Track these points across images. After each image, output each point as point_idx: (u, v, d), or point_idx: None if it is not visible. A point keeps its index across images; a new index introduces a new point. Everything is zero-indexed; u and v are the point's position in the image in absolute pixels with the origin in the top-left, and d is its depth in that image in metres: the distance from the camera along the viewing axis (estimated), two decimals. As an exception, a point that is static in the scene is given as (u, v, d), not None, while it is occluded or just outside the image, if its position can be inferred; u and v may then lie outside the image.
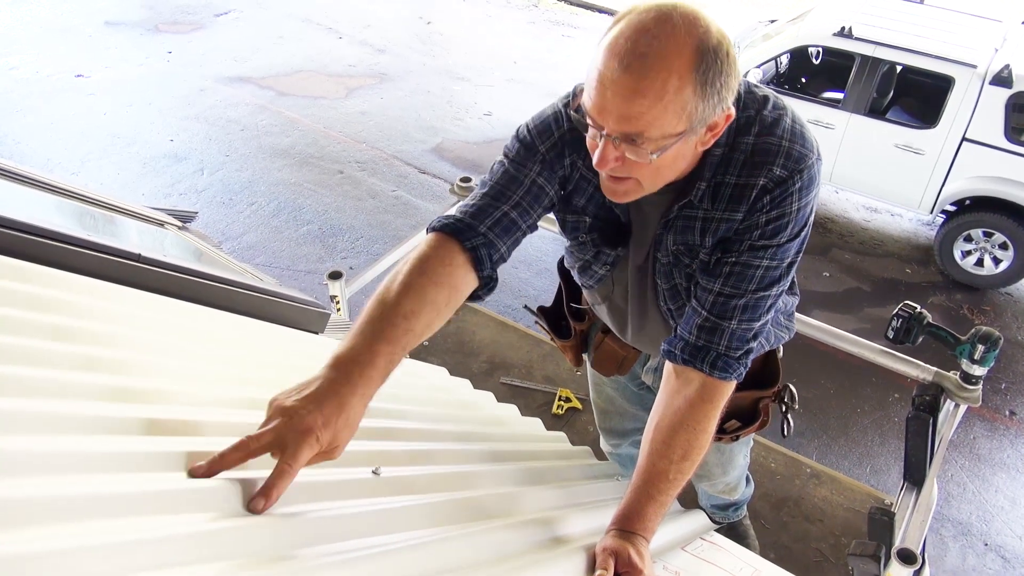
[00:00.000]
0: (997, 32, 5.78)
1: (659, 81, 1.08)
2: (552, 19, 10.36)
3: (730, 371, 1.36)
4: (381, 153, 7.15)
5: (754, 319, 1.36)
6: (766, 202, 1.28)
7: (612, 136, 1.15)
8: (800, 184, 1.27)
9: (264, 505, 0.89)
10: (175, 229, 2.30)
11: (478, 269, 1.30)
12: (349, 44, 9.27)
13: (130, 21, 9.50)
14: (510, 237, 1.34)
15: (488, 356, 3.24)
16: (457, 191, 3.08)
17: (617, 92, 1.10)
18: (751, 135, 1.27)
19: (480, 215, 1.32)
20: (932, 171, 5.59)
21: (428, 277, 1.23)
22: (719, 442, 1.83)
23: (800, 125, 1.31)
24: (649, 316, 1.62)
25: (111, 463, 0.81)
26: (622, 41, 1.09)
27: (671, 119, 1.12)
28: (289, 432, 0.96)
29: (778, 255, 1.32)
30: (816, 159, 1.30)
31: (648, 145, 1.14)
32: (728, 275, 1.34)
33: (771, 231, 1.30)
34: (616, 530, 1.29)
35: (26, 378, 0.87)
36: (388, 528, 1.04)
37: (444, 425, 1.68)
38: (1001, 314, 5.66)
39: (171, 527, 0.76)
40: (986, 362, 2.11)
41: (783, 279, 1.35)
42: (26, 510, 0.66)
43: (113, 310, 1.16)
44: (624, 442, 2.27)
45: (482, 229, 1.31)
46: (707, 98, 1.12)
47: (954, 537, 4.05)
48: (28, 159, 6.73)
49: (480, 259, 1.30)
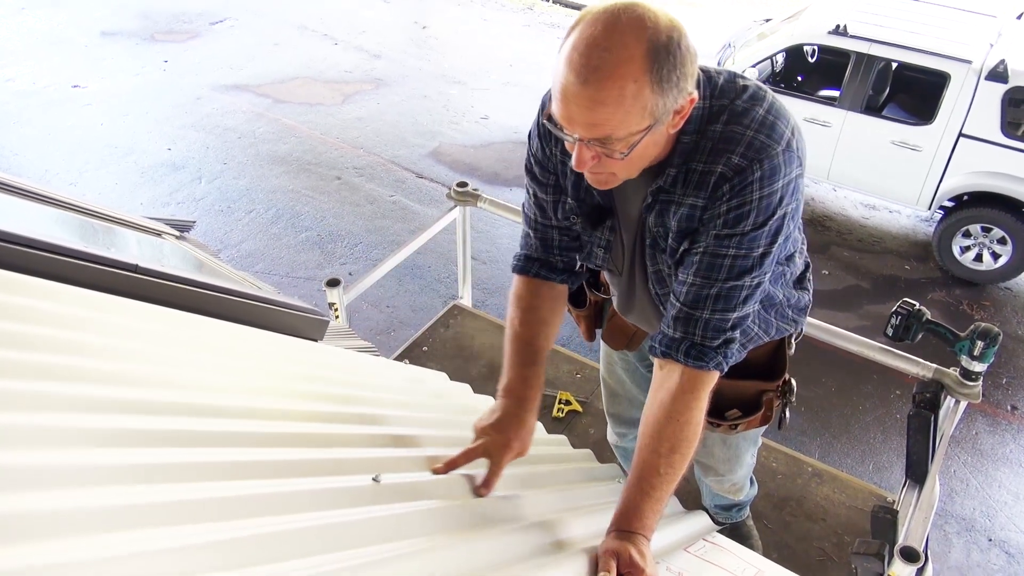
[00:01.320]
0: (992, 27, 5.79)
1: (616, 89, 1.14)
2: (547, 22, 10.37)
3: (706, 359, 1.39)
4: (378, 158, 7.15)
5: (728, 309, 1.38)
6: (726, 190, 1.31)
7: (584, 140, 1.22)
8: (760, 174, 1.29)
9: (485, 492, 1.40)
10: (173, 239, 2.29)
11: (552, 277, 1.65)
12: (344, 50, 9.27)
13: (126, 31, 9.52)
14: (549, 243, 1.63)
15: (488, 360, 3.24)
16: (454, 196, 3.08)
17: (580, 104, 1.17)
18: (719, 123, 1.31)
19: (527, 246, 1.66)
20: (929, 167, 5.60)
21: (529, 306, 1.63)
22: (718, 430, 1.84)
23: (774, 117, 1.31)
24: (642, 299, 1.67)
25: (111, 475, 0.81)
26: (576, 56, 1.15)
27: (634, 119, 1.18)
28: (493, 446, 1.47)
29: (744, 244, 1.34)
30: (783, 150, 1.30)
31: (617, 144, 1.22)
32: (699, 265, 1.37)
33: (733, 219, 1.32)
34: (616, 531, 1.30)
35: (24, 392, 0.87)
36: (389, 536, 1.04)
37: (445, 430, 1.68)
38: (1001, 309, 5.66)
39: (172, 539, 0.76)
40: (986, 358, 2.11)
41: (755, 269, 1.37)
42: (25, 525, 0.66)
43: (111, 321, 1.16)
44: (631, 433, 2.28)
45: (534, 256, 1.65)
46: (666, 92, 1.18)
47: (958, 533, 4.05)
48: (25, 170, 6.74)
49: (547, 277, 1.64)
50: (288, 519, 0.92)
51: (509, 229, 6.05)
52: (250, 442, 1.08)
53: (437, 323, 3.43)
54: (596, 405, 2.98)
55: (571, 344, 4.90)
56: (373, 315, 5.28)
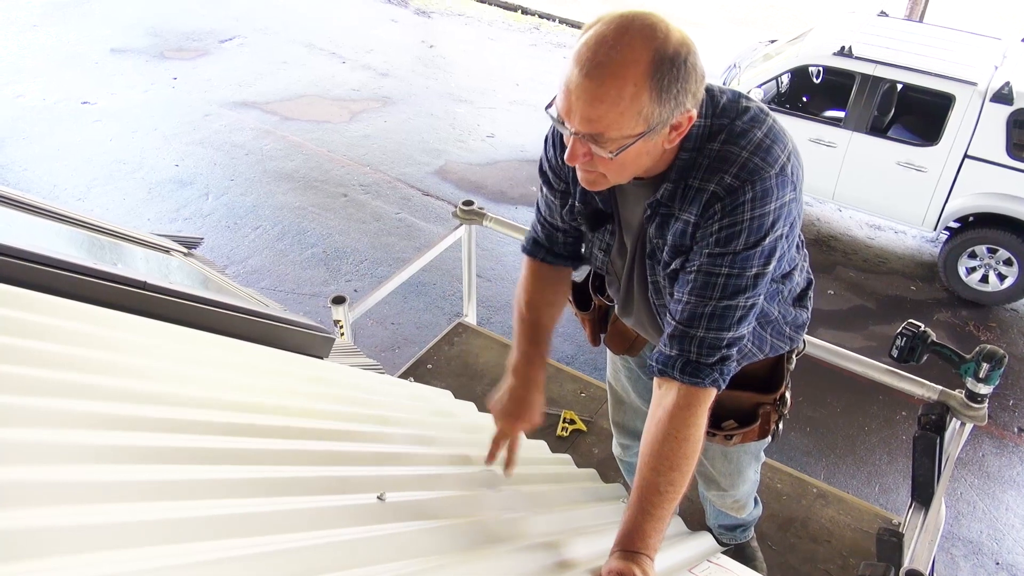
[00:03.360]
0: (997, 50, 5.81)
1: (615, 88, 1.19)
2: (553, 41, 10.44)
3: (702, 376, 1.40)
4: (385, 176, 7.18)
5: (723, 328, 1.40)
6: (717, 209, 1.34)
7: (579, 134, 1.26)
8: (752, 195, 1.31)
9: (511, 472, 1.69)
10: (180, 255, 2.31)
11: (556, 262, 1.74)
12: (352, 69, 9.34)
13: (136, 48, 9.60)
14: (554, 239, 1.72)
15: (492, 378, 3.24)
16: (460, 214, 3.09)
17: (580, 96, 1.21)
18: (717, 142, 1.34)
19: (536, 232, 1.75)
20: (935, 188, 5.60)
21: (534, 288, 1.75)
22: (714, 440, 1.84)
23: (771, 140, 1.34)
24: (640, 306, 1.69)
25: (115, 492, 0.81)
26: (584, 50, 1.20)
27: (629, 122, 1.22)
28: (508, 427, 1.69)
29: (737, 263, 1.35)
30: (776, 173, 1.32)
31: (609, 144, 1.25)
32: (694, 283, 1.40)
33: (724, 238, 1.34)
34: (620, 551, 1.30)
35: (30, 408, 0.88)
36: (394, 555, 1.04)
37: (449, 449, 1.68)
38: (1007, 330, 5.65)
39: (176, 557, 0.76)
40: (991, 380, 2.10)
41: (749, 289, 1.38)
42: (29, 542, 0.66)
43: (118, 338, 1.17)
44: (634, 446, 2.27)
45: (541, 242, 1.74)
46: (664, 103, 1.22)
47: (965, 556, 4.02)
48: (34, 185, 6.79)
49: (552, 262, 1.74)
50: (293, 537, 0.92)
51: (514, 247, 6.04)
52: (255, 460, 1.08)
53: (442, 341, 3.43)
54: (600, 424, 2.97)
55: (576, 363, 4.90)
56: (378, 332, 5.29)
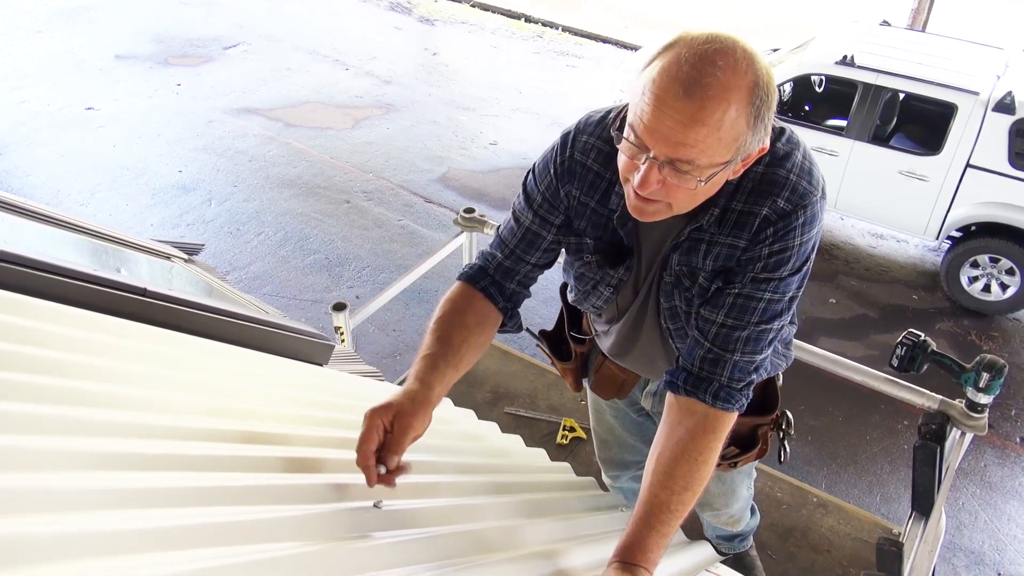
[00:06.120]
0: (999, 59, 5.82)
1: (719, 112, 1.10)
2: (557, 49, 10.46)
3: (733, 402, 1.37)
4: (387, 183, 7.20)
5: (756, 351, 1.38)
6: (769, 234, 1.30)
7: (659, 160, 1.16)
8: (803, 219, 1.30)
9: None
10: (181, 262, 2.31)
11: (496, 298, 1.52)
12: (356, 76, 9.37)
13: (140, 55, 9.64)
14: (509, 275, 1.53)
15: (492, 386, 3.24)
16: (461, 222, 3.10)
17: (676, 118, 1.11)
18: (761, 164, 1.30)
19: (488, 263, 1.54)
20: (937, 197, 5.60)
21: (459, 312, 1.48)
22: (717, 468, 1.82)
23: (810, 163, 1.34)
24: (650, 336, 1.62)
25: (113, 499, 0.81)
26: (687, 68, 1.10)
27: (722, 148, 1.15)
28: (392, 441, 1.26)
29: (780, 288, 1.34)
30: (820, 197, 1.32)
31: (696, 172, 1.16)
32: (731, 306, 1.36)
33: (774, 264, 1.32)
34: (618, 562, 1.28)
35: (30, 414, 0.88)
36: (391, 562, 1.04)
37: (447, 457, 1.68)
38: (1009, 340, 5.63)
39: (174, 564, 0.76)
40: (991, 390, 2.10)
41: (784, 313, 1.38)
42: (29, 548, 0.66)
43: (118, 344, 1.17)
44: (624, 475, 2.26)
45: (491, 273, 1.53)
46: (755, 131, 1.16)
47: (967, 567, 4.00)
48: (38, 191, 6.80)
49: (492, 297, 1.51)
50: (290, 545, 0.92)
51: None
52: (253, 467, 1.08)
53: (443, 348, 3.43)
54: (601, 432, 2.97)
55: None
56: (379, 339, 5.29)
